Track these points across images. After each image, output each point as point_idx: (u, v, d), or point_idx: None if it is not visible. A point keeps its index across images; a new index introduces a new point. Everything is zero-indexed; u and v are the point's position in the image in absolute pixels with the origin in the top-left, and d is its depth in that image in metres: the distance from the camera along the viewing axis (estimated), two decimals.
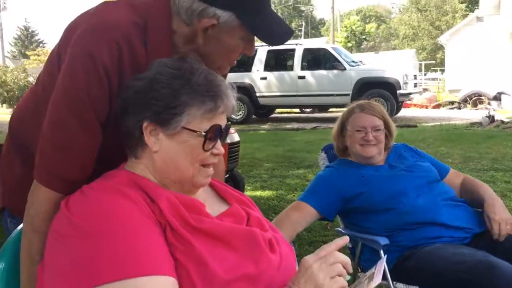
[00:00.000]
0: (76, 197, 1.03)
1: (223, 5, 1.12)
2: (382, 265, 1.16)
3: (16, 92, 23.68)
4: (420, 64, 31.90)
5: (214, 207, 1.16)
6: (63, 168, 1.09)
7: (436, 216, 1.91)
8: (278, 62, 13.51)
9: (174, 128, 1.05)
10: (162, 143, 1.07)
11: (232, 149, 4.73)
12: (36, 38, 62.51)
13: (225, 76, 1.42)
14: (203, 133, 1.06)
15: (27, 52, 40.62)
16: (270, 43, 1.21)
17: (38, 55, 37.61)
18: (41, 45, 56.36)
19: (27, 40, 61.76)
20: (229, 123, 1.17)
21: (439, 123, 11.73)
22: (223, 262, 0.99)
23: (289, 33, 1.22)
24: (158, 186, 1.07)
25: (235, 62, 1.29)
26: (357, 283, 1.10)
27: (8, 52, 52.47)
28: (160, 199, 1.02)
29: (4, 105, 25.31)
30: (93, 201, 0.99)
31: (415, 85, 13.24)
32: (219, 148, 1.11)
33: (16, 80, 25.81)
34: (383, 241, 1.91)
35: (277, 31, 1.19)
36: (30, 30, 62.89)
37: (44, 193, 1.10)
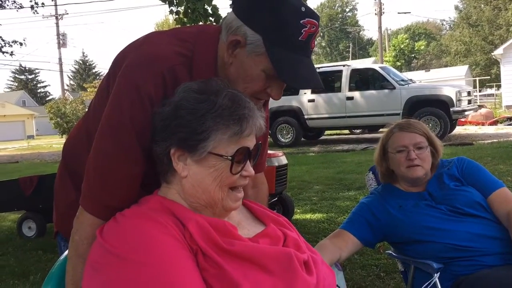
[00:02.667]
0: (110, 225, 1.05)
1: (255, 28, 1.13)
2: None
3: (75, 123, 24.80)
4: (474, 80, 30.83)
5: (249, 228, 1.15)
6: (107, 196, 1.12)
7: (483, 247, 1.81)
8: (326, 83, 13.42)
9: (200, 154, 1.05)
10: (191, 168, 1.08)
11: (280, 172, 4.73)
12: (94, 71, 65.58)
13: (264, 105, 1.40)
14: (230, 157, 1.05)
15: (84, 85, 42.60)
16: (287, 81, 1.17)
17: (95, 87, 39.41)
18: (98, 77, 59.02)
19: (84, 73, 64.90)
20: (260, 142, 1.15)
21: (496, 140, 11.21)
22: (258, 286, 0.98)
23: (313, 83, 1.18)
24: (189, 210, 1.07)
25: (262, 100, 1.24)
26: None
27: (67, 85, 55.32)
28: (190, 224, 1.02)
29: (64, 136, 26.58)
30: (125, 228, 1.01)
31: (470, 101, 12.77)
32: (249, 170, 1.10)
33: (74, 112, 27.16)
34: (437, 264, 1.83)
35: (300, 74, 1.15)
36: (87, 64, 66.13)
37: (89, 219, 1.13)
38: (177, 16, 6.84)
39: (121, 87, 1.13)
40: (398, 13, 38.10)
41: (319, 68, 14.18)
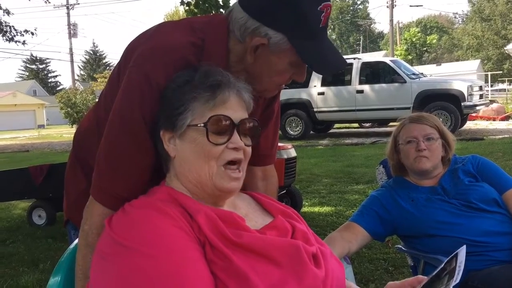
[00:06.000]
0: (119, 215, 1.05)
1: (276, 26, 1.12)
2: (463, 257, 1.08)
3: (85, 113, 24.99)
4: (486, 75, 30.51)
5: (257, 220, 1.14)
6: (117, 186, 1.11)
7: (496, 243, 1.79)
8: (336, 76, 13.36)
9: (181, 128, 1.06)
10: (178, 148, 1.08)
11: (288, 164, 4.72)
12: (104, 61, 65.79)
13: (275, 97, 1.41)
14: (202, 124, 1.05)
15: (94, 75, 42.79)
16: (319, 71, 1.18)
17: (105, 77, 39.53)
18: (108, 68, 59.22)
19: (95, 64, 65.15)
20: (255, 119, 1.14)
21: (508, 136, 11.11)
22: (266, 278, 0.97)
23: (341, 64, 1.19)
24: (195, 202, 1.07)
25: (283, 86, 1.26)
26: (434, 278, 1.03)
27: (77, 75, 55.57)
28: (199, 215, 1.01)
29: (74, 126, 26.77)
30: (133, 219, 1.00)
31: (481, 96, 12.64)
32: (235, 141, 1.07)
33: (84, 102, 27.34)
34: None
35: (328, 60, 1.16)
36: (98, 54, 66.35)
37: (99, 209, 1.13)
38: (187, 8, 6.83)
39: (131, 77, 1.12)
40: (410, 6, 37.66)
41: None
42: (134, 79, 1.11)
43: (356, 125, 16.71)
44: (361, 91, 12.65)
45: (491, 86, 30.94)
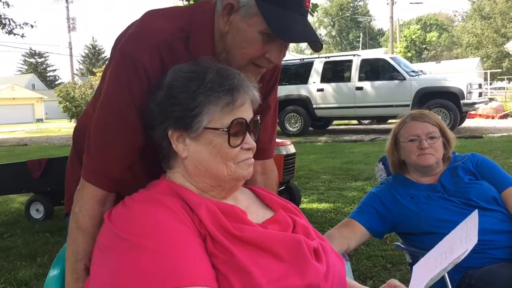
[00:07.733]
0: (118, 209, 1.04)
1: None
2: (476, 220, 1.09)
3: (83, 107, 25.04)
4: (485, 73, 30.51)
5: (258, 214, 1.14)
6: (106, 165, 1.13)
7: (494, 241, 1.79)
8: (335, 73, 13.38)
9: (196, 130, 1.05)
10: (190, 148, 1.08)
11: (287, 160, 4.72)
12: (103, 55, 65.60)
13: (270, 91, 1.40)
14: (225, 129, 1.05)
15: (94, 69, 42.71)
16: (284, 37, 1.13)
17: None
18: (107, 62, 58.90)
19: (94, 58, 64.98)
20: (258, 115, 1.14)
21: (507, 134, 11.12)
22: (268, 272, 0.96)
23: (310, 36, 1.15)
24: (197, 195, 1.07)
25: (262, 68, 1.22)
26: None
27: (76, 69, 55.47)
28: (200, 209, 1.01)
29: (73, 120, 26.74)
30: (134, 213, 1.00)
31: (480, 94, 12.65)
32: (249, 142, 1.09)
33: (83, 96, 27.32)
34: None
35: (295, 30, 1.13)
36: (97, 48, 66.18)
37: (89, 190, 1.14)
38: (187, 2, 6.79)
39: (117, 60, 1.15)
40: (410, 3, 37.47)
41: (328, 57, 14.12)
42: (119, 61, 1.14)
43: (355, 122, 16.71)
44: (361, 88, 12.65)
45: (490, 84, 30.95)
